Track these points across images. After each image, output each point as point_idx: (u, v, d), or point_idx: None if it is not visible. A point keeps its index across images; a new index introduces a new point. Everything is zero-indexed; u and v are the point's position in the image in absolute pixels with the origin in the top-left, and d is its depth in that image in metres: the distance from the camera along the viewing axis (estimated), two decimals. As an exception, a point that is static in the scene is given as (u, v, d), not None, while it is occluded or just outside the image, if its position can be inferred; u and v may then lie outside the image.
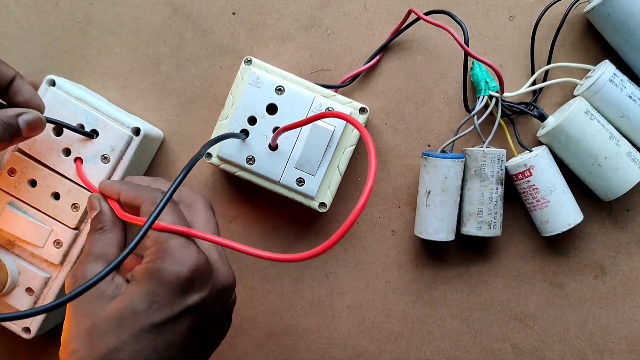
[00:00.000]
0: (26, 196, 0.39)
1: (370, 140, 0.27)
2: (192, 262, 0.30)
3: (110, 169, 0.39)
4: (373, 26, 0.42)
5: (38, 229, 0.39)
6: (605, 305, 0.43)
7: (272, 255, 0.29)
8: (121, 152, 0.39)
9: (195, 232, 0.31)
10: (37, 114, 0.36)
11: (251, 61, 0.40)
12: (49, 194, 0.39)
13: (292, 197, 0.40)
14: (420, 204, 0.40)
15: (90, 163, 0.39)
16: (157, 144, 0.43)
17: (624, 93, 0.38)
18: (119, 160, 0.39)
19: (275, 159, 0.39)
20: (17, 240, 0.39)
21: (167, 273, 0.30)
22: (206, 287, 0.31)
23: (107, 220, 0.34)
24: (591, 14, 0.39)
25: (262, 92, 0.39)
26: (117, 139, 0.39)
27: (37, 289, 0.39)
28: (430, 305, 0.43)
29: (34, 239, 0.39)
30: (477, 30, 0.42)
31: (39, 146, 0.39)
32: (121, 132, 0.39)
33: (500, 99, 0.40)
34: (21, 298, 0.39)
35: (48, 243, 0.39)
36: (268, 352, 0.44)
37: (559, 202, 0.39)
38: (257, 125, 0.39)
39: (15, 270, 0.39)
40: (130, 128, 0.39)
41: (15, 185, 0.39)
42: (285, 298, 0.44)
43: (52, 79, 0.39)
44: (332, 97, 0.40)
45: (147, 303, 0.29)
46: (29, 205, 0.39)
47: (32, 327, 0.40)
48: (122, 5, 0.43)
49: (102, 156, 0.39)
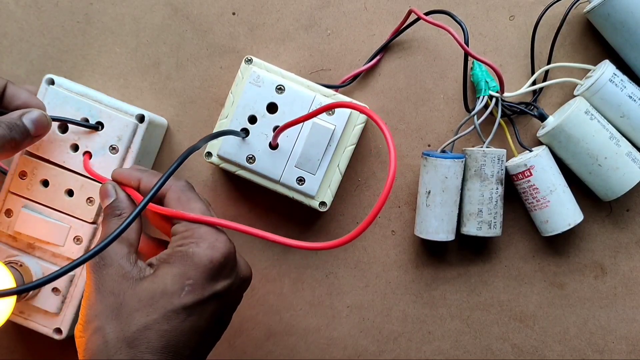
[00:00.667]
0: (40, 197, 0.39)
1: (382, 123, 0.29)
2: (225, 249, 0.31)
3: (120, 158, 0.39)
4: (373, 26, 0.42)
5: (56, 228, 0.39)
6: (605, 305, 0.43)
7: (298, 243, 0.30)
8: (129, 141, 0.39)
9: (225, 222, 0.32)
10: (40, 111, 0.36)
11: (251, 60, 0.40)
12: (63, 191, 0.39)
13: (293, 197, 0.40)
14: (420, 204, 0.40)
15: (99, 155, 0.39)
16: (163, 132, 0.43)
17: (624, 93, 0.38)
18: (128, 149, 0.39)
19: (275, 158, 0.39)
20: (37, 242, 0.39)
21: (202, 257, 0.30)
22: (232, 275, 0.32)
23: (125, 208, 0.34)
24: (591, 14, 0.39)
25: (262, 91, 0.39)
26: (123, 128, 0.39)
27: (63, 288, 0.39)
28: (430, 305, 0.43)
29: (54, 238, 0.39)
30: (477, 30, 0.42)
31: (46, 146, 0.39)
32: (126, 121, 0.39)
33: (500, 99, 0.40)
34: (49, 299, 0.39)
35: (68, 241, 0.39)
36: (268, 352, 0.44)
37: (559, 202, 0.39)
38: (257, 124, 0.39)
39: (39, 272, 0.39)
40: (135, 116, 0.39)
41: (27, 188, 0.39)
42: (285, 298, 0.44)
43: (50, 77, 0.39)
44: (332, 97, 0.40)
45: (179, 284, 0.30)
46: (44, 205, 0.39)
47: (63, 327, 0.40)
48: (122, 5, 0.43)
49: (111, 147, 0.39)
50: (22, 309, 0.40)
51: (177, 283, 0.30)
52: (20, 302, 0.39)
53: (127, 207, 0.34)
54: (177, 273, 0.30)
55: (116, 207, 0.33)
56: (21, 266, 0.38)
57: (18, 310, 0.40)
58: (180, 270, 0.30)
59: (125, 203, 0.34)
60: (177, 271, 0.30)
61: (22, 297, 0.38)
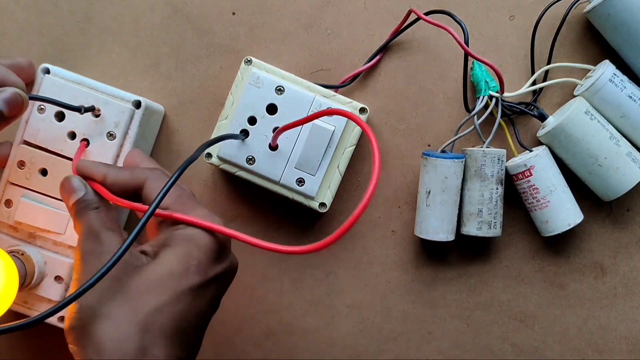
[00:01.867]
0: (39, 186, 0.39)
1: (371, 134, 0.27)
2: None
3: (118, 144, 0.39)
4: (373, 26, 0.42)
5: (56, 217, 0.39)
6: (605, 305, 0.43)
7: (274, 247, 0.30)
8: (126, 127, 0.39)
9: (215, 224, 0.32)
10: (13, 89, 0.33)
11: (251, 61, 0.40)
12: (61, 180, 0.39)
13: (292, 197, 0.40)
14: (420, 204, 0.40)
15: (97, 142, 0.39)
16: (160, 118, 0.43)
17: (624, 93, 0.38)
18: (125, 135, 0.39)
19: (275, 159, 0.39)
20: (38, 231, 0.40)
21: (203, 237, 0.30)
22: (228, 259, 0.32)
23: (97, 201, 0.33)
24: (591, 14, 0.39)
25: (262, 92, 0.39)
26: (120, 114, 0.39)
27: (65, 276, 0.39)
28: (430, 305, 0.43)
29: (54, 226, 0.39)
30: (477, 30, 0.42)
31: (43, 135, 0.39)
32: (123, 107, 0.39)
33: (500, 99, 0.40)
34: (51, 288, 0.39)
35: (68, 228, 0.39)
36: (267, 351, 0.44)
37: (559, 202, 0.39)
38: (257, 125, 0.39)
39: (40, 260, 0.39)
40: (131, 102, 0.39)
41: (26, 177, 0.39)
42: (284, 297, 0.44)
43: (46, 67, 0.39)
44: (332, 97, 0.40)
45: (184, 265, 0.29)
46: (44, 194, 0.39)
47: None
48: (122, 5, 0.43)
49: (108, 133, 0.39)
50: (25, 299, 0.40)
51: (183, 263, 0.29)
52: (23, 292, 0.39)
53: (98, 201, 0.33)
54: (181, 254, 0.30)
55: (91, 201, 0.33)
56: (23, 255, 0.38)
57: (21, 300, 0.40)
58: (184, 251, 0.30)
59: (95, 196, 0.33)
60: (181, 252, 0.30)
61: (25, 286, 0.38)
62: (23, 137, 0.39)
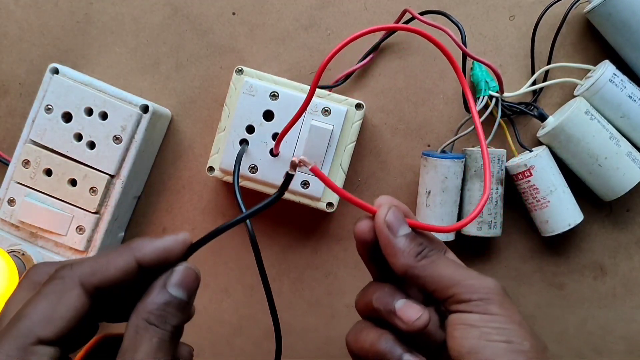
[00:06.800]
0: (43, 186, 0.39)
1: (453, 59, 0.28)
2: None
3: (124, 148, 0.39)
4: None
5: (59, 218, 0.39)
6: (604, 305, 0.43)
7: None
8: (132, 131, 0.39)
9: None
10: (184, 265, 0.25)
11: (242, 70, 0.40)
12: (66, 181, 0.39)
13: (299, 201, 0.40)
14: (420, 204, 0.40)
15: (103, 145, 0.39)
16: (166, 122, 0.43)
17: (624, 93, 0.38)
18: (131, 139, 0.39)
19: (277, 164, 0.39)
20: (40, 231, 0.40)
21: None
22: None
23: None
24: (591, 14, 0.39)
25: (256, 100, 0.39)
26: (127, 118, 0.39)
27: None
28: (429, 305, 0.43)
29: (56, 227, 0.39)
30: (477, 30, 0.42)
31: (50, 135, 0.39)
32: (130, 111, 0.39)
33: (500, 99, 0.40)
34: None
35: (70, 230, 0.39)
36: (267, 351, 0.44)
37: (559, 202, 0.39)
38: (255, 133, 0.39)
39: (40, 261, 0.39)
40: (139, 106, 0.39)
41: (31, 177, 0.39)
42: (284, 298, 0.44)
43: (55, 67, 0.40)
44: (326, 97, 0.40)
45: None
46: (47, 194, 0.39)
47: None
48: (122, 5, 0.43)
49: (114, 137, 0.39)
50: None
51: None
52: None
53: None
54: None
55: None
56: (23, 255, 0.39)
57: None
58: None
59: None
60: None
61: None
62: (29, 136, 0.40)
